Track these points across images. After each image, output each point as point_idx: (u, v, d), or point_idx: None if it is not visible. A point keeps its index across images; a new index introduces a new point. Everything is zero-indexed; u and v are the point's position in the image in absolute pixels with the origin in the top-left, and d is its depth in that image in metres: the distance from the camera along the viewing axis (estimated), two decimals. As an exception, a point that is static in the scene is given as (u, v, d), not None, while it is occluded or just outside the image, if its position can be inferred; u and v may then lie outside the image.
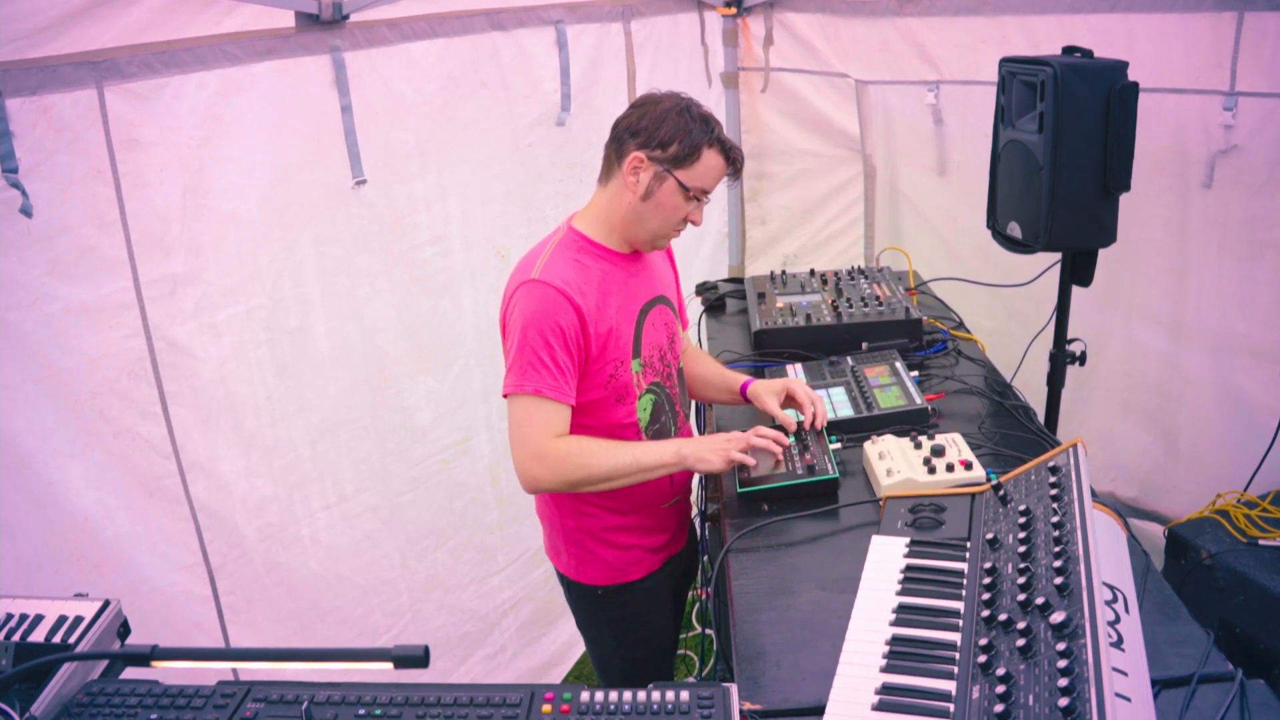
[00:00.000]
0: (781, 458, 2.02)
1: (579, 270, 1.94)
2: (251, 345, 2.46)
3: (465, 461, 3.11)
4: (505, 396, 1.90)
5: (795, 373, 2.50)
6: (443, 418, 3.02)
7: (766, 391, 2.21)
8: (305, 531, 2.67)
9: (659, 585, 2.21)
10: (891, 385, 2.35)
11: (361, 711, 1.36)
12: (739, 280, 3.32)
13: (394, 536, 2.91)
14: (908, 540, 1.64)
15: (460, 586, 3.17)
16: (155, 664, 1.34)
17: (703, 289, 3.24)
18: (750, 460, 1.98)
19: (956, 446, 1.99)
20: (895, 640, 1.39)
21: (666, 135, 1.88)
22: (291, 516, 2.62)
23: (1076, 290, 2.63)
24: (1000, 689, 1.19)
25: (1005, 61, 2.53)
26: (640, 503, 2.11)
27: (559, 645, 3.58)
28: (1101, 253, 2.54)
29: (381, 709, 1.36)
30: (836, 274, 3.02)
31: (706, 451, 1.95)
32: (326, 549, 2.73)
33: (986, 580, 1.43)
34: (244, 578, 2.51)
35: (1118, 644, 1.29)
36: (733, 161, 1.95)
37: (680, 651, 3.69)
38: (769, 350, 2.65)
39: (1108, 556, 1.43)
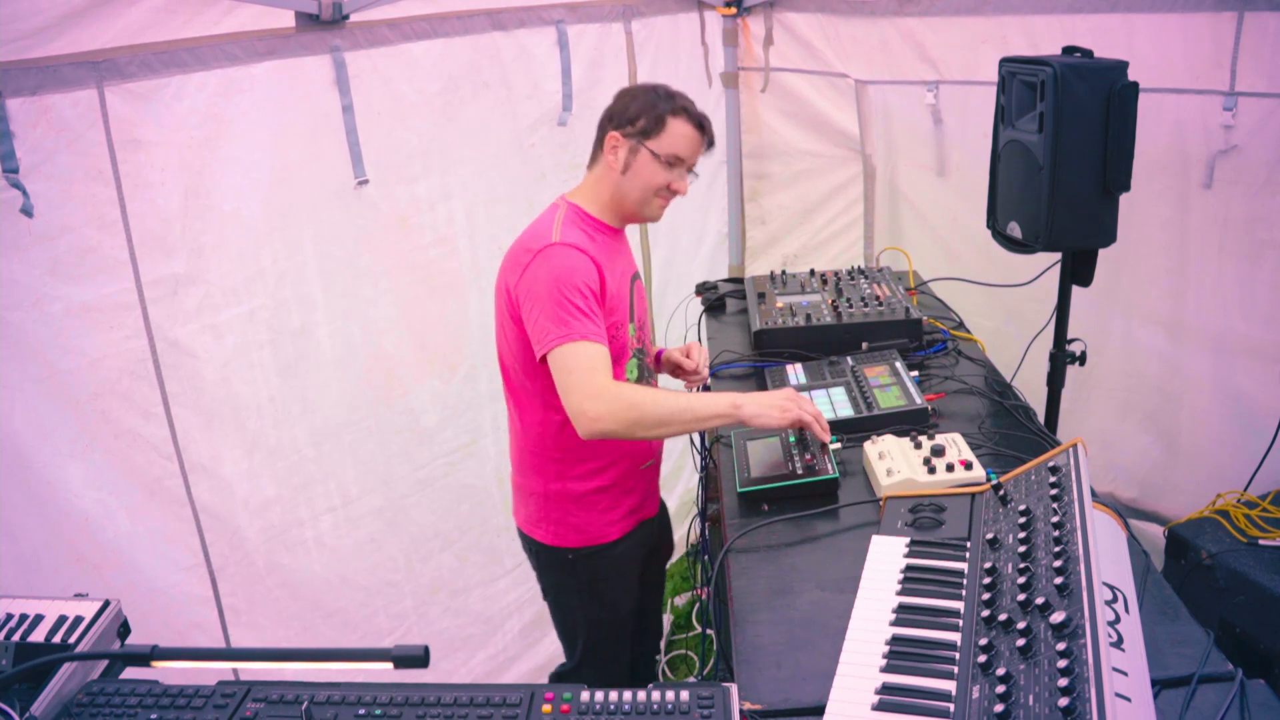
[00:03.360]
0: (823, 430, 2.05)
1: (586, 235, 2.09)
2: (254, 346, 2.46)
3: (472, 464, 3.12)
4: (545, 355, 1.96)
5: (795, 373, 2.50)
6: (449, 420, 3.02)
7: (673, 351, 2.44)
8: (309, 533, 2.67)
9: (629, 550, 2.30)
10: (891, 385, 2.35)
11: (361, 711, 1.36)
12: (739, 280, 3.32)
13: (398, 539, 2.91)
14: (908, 540, 1.64)
15: (466, 589, 3.17)
16: (155, 664, 1.34)
17: (703, 289, 3.24)
18: (817, 429, 2.02)
19: (956, 446, 1.99)
20: (895, 640, 1.39)
21: (634, 112, 2.09)
22: (295, 518, 2.62)
23: (1076, 290, 2.63)
24: (1000, 689, 1.19)
25: (1005, 61, 2.53)
26: (619, 459, 2.20)
27: (560, 646, 3.58)
28: (1101, 253, 2.54)
29: (381, 709, 1.36)
30: (836, 274, 3.02)
31: (767, 408, 1.99)
32: (330, 551, 2.73)
33: (986, 580, 1.43)
34: (246, 579, 2.51)
35: (1118, 644, 1.29)
36: (701, 127, 2.11)
37: (680, 651, 3.70)
38: (769, 350, 2.65)
39: (1108, 556, 1.43)
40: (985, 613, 1.36)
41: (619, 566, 2.30)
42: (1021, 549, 1.44)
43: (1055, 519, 1.44)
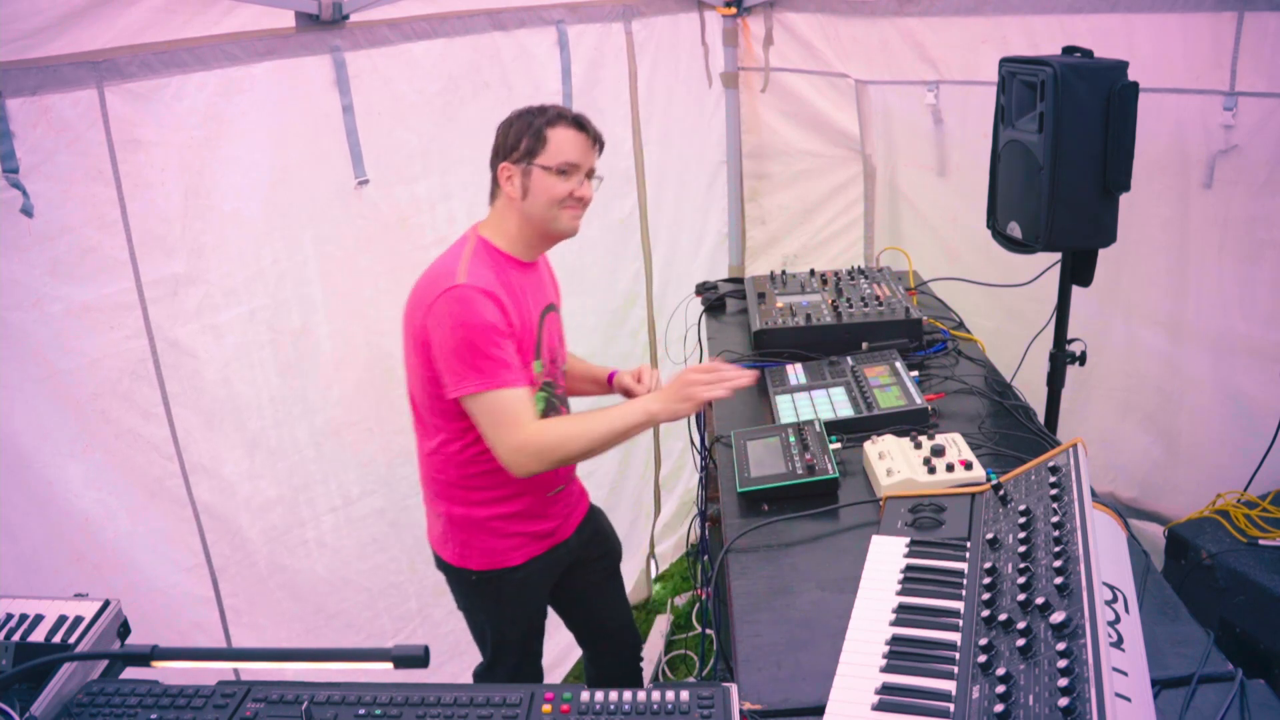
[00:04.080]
0: (727, 385, 2.06)
1: (493, 272, 2.07)
2: (255, 346, 2.46)
3: None
4: (459, 398, 2.01)
5: (795, 373, 2.50)
6: None
7: (624, 375, 2.47)
8: (310, 534, 2.67)
9: (535, 574, 2.30)
10: (891, 385, 2.35)
11: (361, 711, 1.36)
12: (739, 280, 3.32)
13: (401, 540, 2.91)
14: (908, 540, 1.64)
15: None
16: (155, 664, 1.34)
17: (703, 289, 3.24)
18: (720, 393, 2.06)
19: (956, 446, 1.99)
20: (895, 640, 1.39)
21: (514, 138, 2.09)
22: (297, 519, 2.62)
23: (1076, 290, 2.63)
24: (1000, 689, 1.19)
25: (1005, 61, 2.53)
26: (525, 490, 2.19)
27: (559, 647, 3.58)
28: (1101, 253, 2.54)
29: (381, 709, 1.36)
30: (836, 274, 3.02)
31: (673, 402, 2.06)
32: (333, 552, 2.73)
33: (986, 580, 1.43)
34: (247, 580, 2.51)
35: (1118, 644, 1.29)
36: (581, 126, 2.10)
37: (680, 651, 3.71)
38: (769, 350, 2.65)
39: (1108, 556, 1.43)
40: (985, 613, 1.36)
41: (522, 589, 2.31)
42: (1021, 549, 1.44)
43: (1055, 519, 1.44)
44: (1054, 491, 1.52)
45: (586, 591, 2.53)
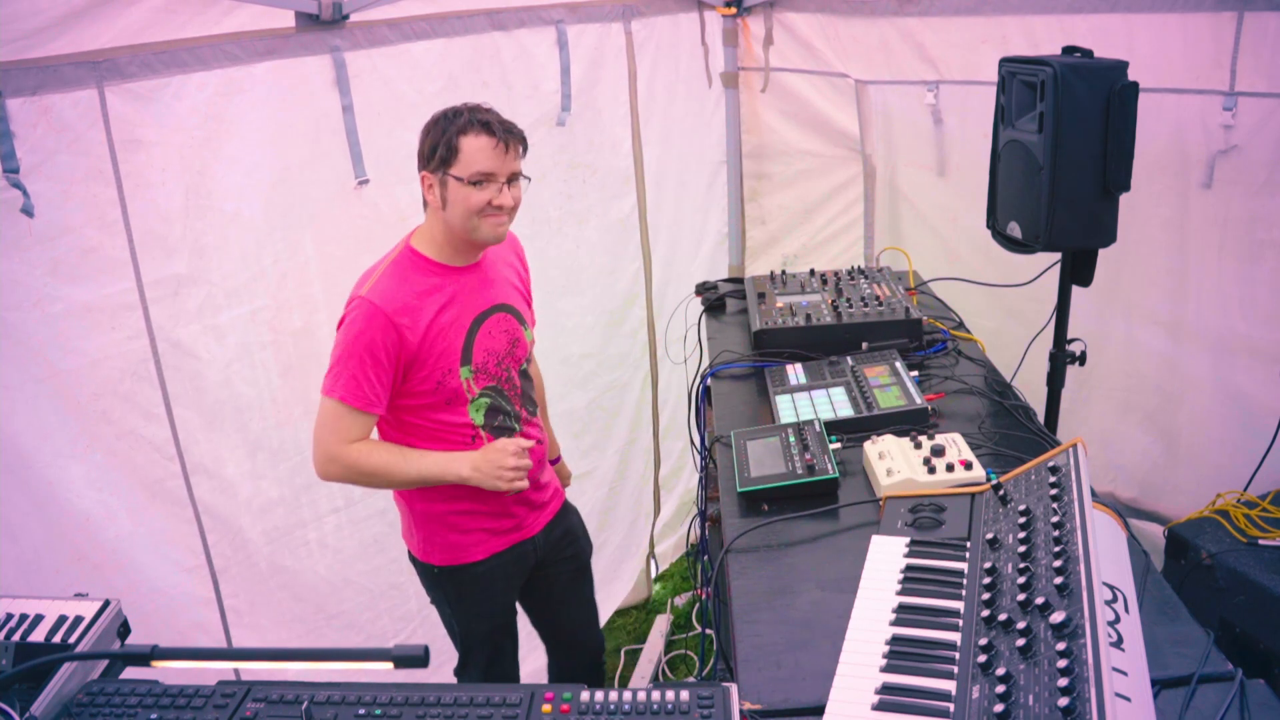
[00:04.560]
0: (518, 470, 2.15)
1: (407, 286, 2.07)
2: (256, 346, 2.46)
3: None
4: (321, 394, 2.07)
5: (795, 373, 2.50)
6: None
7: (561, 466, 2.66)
8: (312, 535, 2.67)
9: (496, 569, 2.32)
10: (891, 385, 2.35)
11: (361, 711, 1.36)
12: (739, 280, 3.32)
13: (401, 540, 2.91)
14: (908, 540, 1.64)
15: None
16: (155, 664, 1.34)
17: (702, 289, 3.24)
18: (523, 484, 2.16)
19: (956, 446, 1.99)
20: (895, 640, 1.39)
21: (428, 148, 2.04)
22: (298, 520, 2.62)
23: (1076, 290, 2.63)
24: (1000, 689, 1.19)
25: (1005, 61, 2.53)
26: (484, 492, 2.19)
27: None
28: (1101, 253, 2.54)
29: (381, 709, 1.36)
30: (836, 274, 3.02)
31: (486, 479, 2.13)
32: (334, 553, 2.73)
33: (986, 580, 1.43)
34: (248, 581, 2.51)
35: (1118, 644, 1.29)
36: (491, 131, 2.00)
37: (680, 651, 3.71)
38: (769, 350, 2.65)
39: (1108, 556, 1.43)
40: (985, 613, 1.36)
41: (484, 584, 2.32)
42: (1021, 549, 1.44)
43: (1055, 519, 1.44)
44: (1054, 491, 1.52)
45: (552, 590, 2.53)
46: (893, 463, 1.97)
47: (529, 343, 2.32)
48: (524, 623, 3.36)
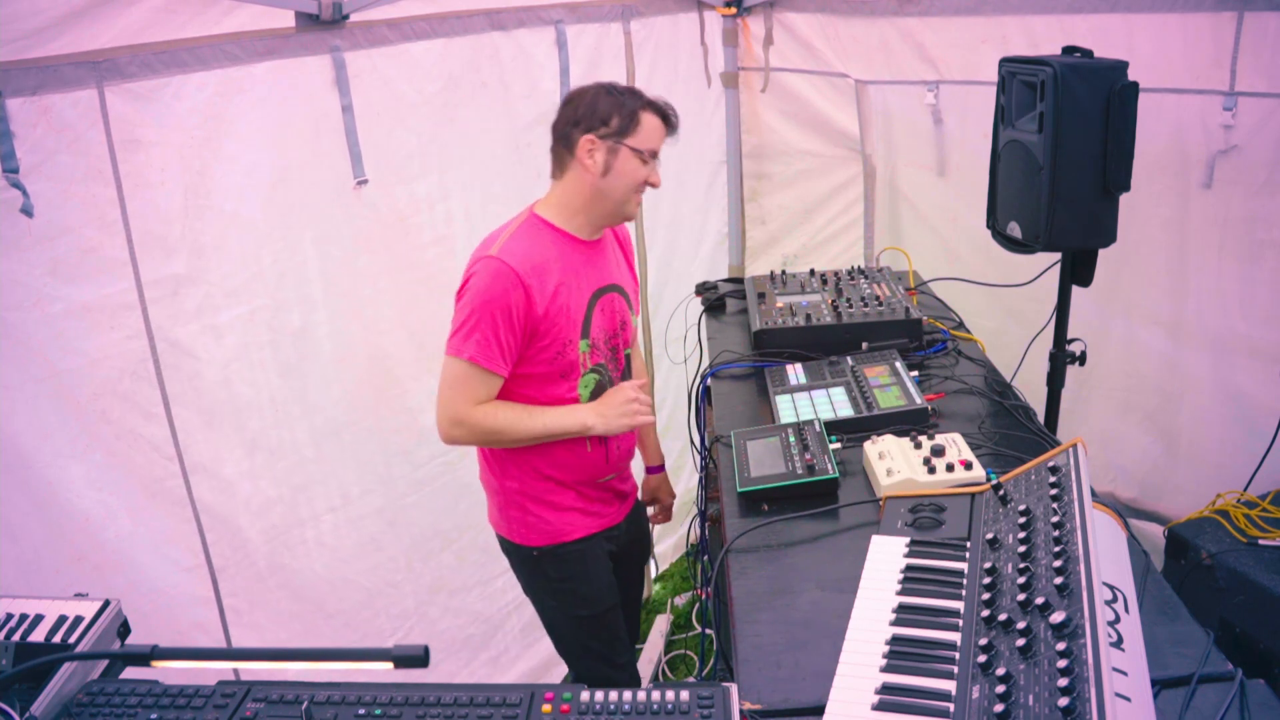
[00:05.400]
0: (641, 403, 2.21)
1: (537, 250, 2.08)
2: (255, 346, 2.46)
3: (469, 463, 3.10)
4: (447, 355, 2.06)
5: (795, 373, 2.50)
6: None
7: (662, 485, 2.75)
8: (310, 534, 2.67)
9: (593, 548, 2.32)
10: (891, 385, 2.35)
11: (361, 711, 1.36)
12: (739, 280, 3.32)
13: (399, 539, 2.92)
14: (908, 540, 1.64)
15: (465, 589, 3.17)
16: (155, 664, 1.34)
17: (703, 289, 3.24)
18: (650, 419, 2.23)
19: (956, 446, 1.99)
20: (895, 640, 1.39)
21: (605, 113, 2.07)
22: (296, 519, 2.62)
23: (1076, 290, 2.63)
24: (1000, 689, 1.19)
25: (1005, 61, 2.53)
26: (577, 477, 2.23)
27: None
28: (1101, 253, 2.54)
29: (381, 709, 1.36)
30: (836, 274, 3.02)
31: (613, 419, 2.16)
32: (331, 551, 2.73)
33: (986, 580, 1.43)
34: (247, 580, 2.51)
35: (1118, 644, 1.29)
36: (667, 119, 2.13)
37: (680, 651, 3.71)
38: (769, 350, 2.65)
39: (1108, 556, 1.43)
40: (985, 613, 1.36)
41: (584, 563, 2.31)
42: (1021, 549, 1.44)
43: (1055, 519, 1.44)
44: (1054, 491, 1.52)
45: (617, 582, 2.51)
46: (893, 463, 1.97)
47: (634, 328, 2.37)
48: (528, 614, 3.39)
